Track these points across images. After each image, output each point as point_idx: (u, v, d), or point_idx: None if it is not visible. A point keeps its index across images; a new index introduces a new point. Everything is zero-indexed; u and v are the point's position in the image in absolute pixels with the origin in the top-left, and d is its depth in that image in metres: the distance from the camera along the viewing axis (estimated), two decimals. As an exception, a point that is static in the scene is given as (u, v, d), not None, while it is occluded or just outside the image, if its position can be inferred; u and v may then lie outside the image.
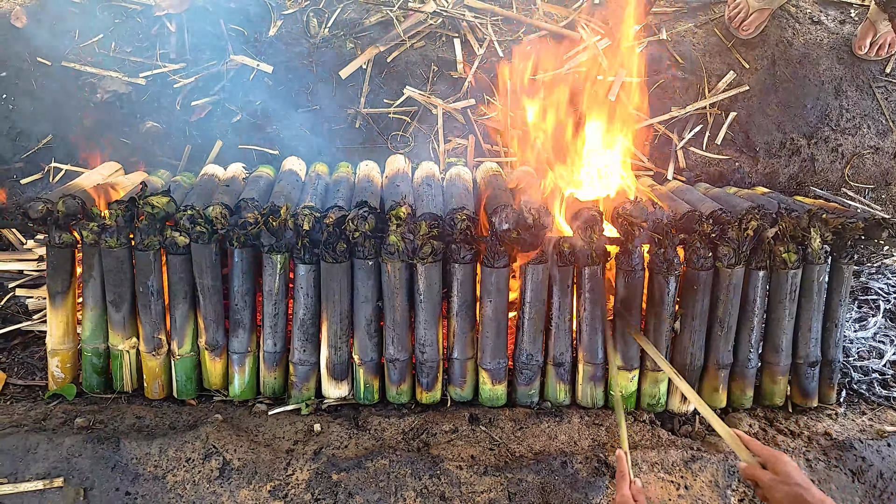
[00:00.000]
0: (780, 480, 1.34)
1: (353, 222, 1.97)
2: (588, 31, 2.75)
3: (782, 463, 1.38)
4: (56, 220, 2.04)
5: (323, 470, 1.87)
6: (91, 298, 2.09)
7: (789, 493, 1.30)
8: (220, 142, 2.63)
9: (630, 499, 1.51)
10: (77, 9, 2.70)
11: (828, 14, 2.97)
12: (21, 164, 2.60)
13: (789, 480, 1.33)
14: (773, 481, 1.35)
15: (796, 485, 1.31)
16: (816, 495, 1.29)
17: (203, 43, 2.70)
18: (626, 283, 2.05)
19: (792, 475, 1.34)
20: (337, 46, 2.70)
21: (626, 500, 1.50)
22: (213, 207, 2.03)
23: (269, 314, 2.08)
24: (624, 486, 1.54)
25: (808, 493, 1.30)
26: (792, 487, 1.30)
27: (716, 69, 2.80)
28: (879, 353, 2.46)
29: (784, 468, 1.37)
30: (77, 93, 2.61)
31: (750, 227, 2.06)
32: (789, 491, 1.30)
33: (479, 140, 2.66)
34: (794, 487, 1.30)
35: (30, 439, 1.87)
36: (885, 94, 2.85)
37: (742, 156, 2.77)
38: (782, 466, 1.37)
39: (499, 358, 2.10)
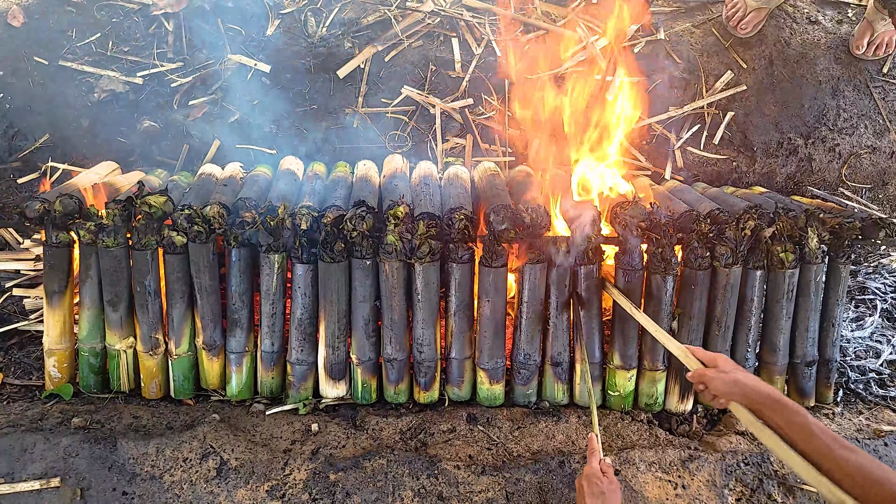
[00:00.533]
0: (720, 371, 1.50)
1: (351, 222, 1.97)
2: (586, 31, 2.75)
3: (721, 359, 1.55)
4: (53, 220, 2.04)
5: (320, 470, 1.87)
6: (88, 298, 2.08)
7: (727, 380, 1.46)
8: (217, 141, 2.63)
9: (598, 471, 1.62)
10: (74, 8, 2.69)
11: (825, 14, 2.97)
12: (18, 163, 2.60)
13: (726, 369, 1.50)
14: (714, 373, 1.51)
15: (731, 371, 1.49)
16: (749, 376, 1.47)
17: (201, 42, 2.69)
18: (624, 283, 2.06)
19: (727, 365, 1.52)
20: (335, 46, 2.70)
21: (594, 472, 1.62)
22: (210, 207, 2.03)
23: (267, 314, 2.08)
24: (594, 460, 1.67)
25: (741, 373, 1.47)
26: (728, 374, 1.48)
27: (713, 69, 2.80)
28: (876, 353, 2.47)
29: (723, 363, 1.53)
30: (74, 92, 2.61)
31: (747, 226, 2.07)
32: (726, 377, 1.47)
33: (477, 140, 2.66)
34: (730, 374, 1.47)
35: (26, 439, 1.87)
36: (883, 94, 2.85)
37: (740, 155, 2.78)
38: (721, 362, 1.54)
39: (497, 357, 2.11)
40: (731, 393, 1.45)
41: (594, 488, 1.57)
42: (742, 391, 1.43)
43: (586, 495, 1.58)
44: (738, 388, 1.44)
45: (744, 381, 1.44)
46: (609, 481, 1.60)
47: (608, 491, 1.56)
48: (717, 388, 1.48)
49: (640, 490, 1.87)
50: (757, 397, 1.40)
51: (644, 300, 2.10)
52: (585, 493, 1.58)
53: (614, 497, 1.56)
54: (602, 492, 1.56)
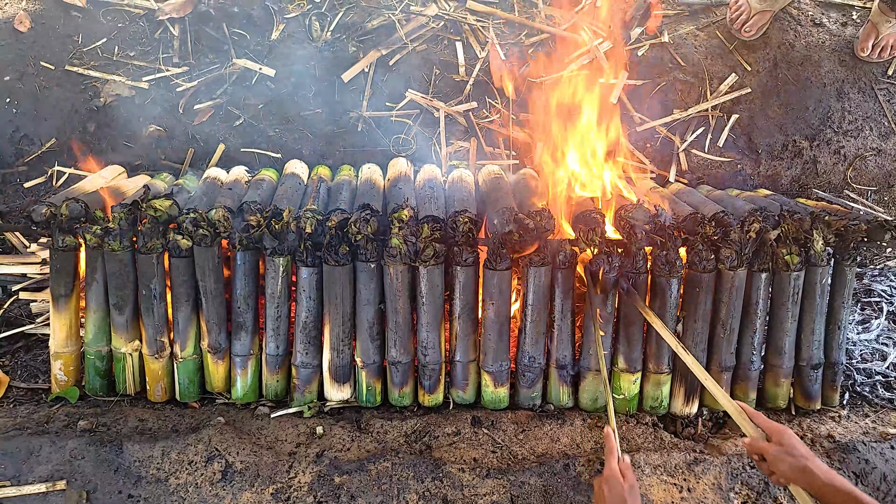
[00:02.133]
0: (786, 452, 1.36)
1: (356, 225, 1.97)
2: (590, 34, 2.75)
3: (787, 435, 1.40)
4: (59, 224, 2.05)
5: (325, 473, 1.87)
6: (94, 301, 2.09)
7: (794, 465, 1.32)
8: (222, 145, 2.64)
9: (618, 472, 1.53)
10: (80, 13, 2.71)
11: (829, 16, 2.97)
12: (24, 167, 2.61)
13: (794, 452, 1.35)
14: (779, 452, 1.36)
15: (802, 456, 1.33)
16: (821, 466, 1.32)
17: (206, 47, 2.71)
18: (629, 286, 2.06)
19: (797, 447, 1.36)
20: (339, 50, 2.71)
21: (613, 474, 1.52)
22: (215, 210, 2.04)
23: (272, 317, 2.09)
24: (612, 460, 1.57)
25: (813, 463, 1.32)
26: (797, 459, 1.33)
27: (717, 71, 2.80)
28: (882, 356, 2.46)
29: (789, 440, 1.39)
30: (80, 97, 2.62)
31: (752, 229, 2.06)
32: (794, 462, 1.32)
33: (481, 143, 2.67)
34: (800, 459, 1.32)
35: (33, 442, 1.88)
36: (888, 97, 2.84)
37: (744, 158, 2.77)
38: (787, 439, 1.39)
39: (501, 360, 2.10)
40: (798, 479, 1.33)
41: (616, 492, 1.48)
42: (811, 481, 1.31)
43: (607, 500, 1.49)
44: (806, 477, 1.32)
45: (815, 472, 1.32)
46: (630, 485, 1.51)
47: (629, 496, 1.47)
48: (781, 471, 1.37)
49: (645, 493, 1.86)
50: (829, 492, 1.28)
51: (649, 303, 2.10)
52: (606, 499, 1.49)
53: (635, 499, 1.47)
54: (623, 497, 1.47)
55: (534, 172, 2.52)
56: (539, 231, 1.98)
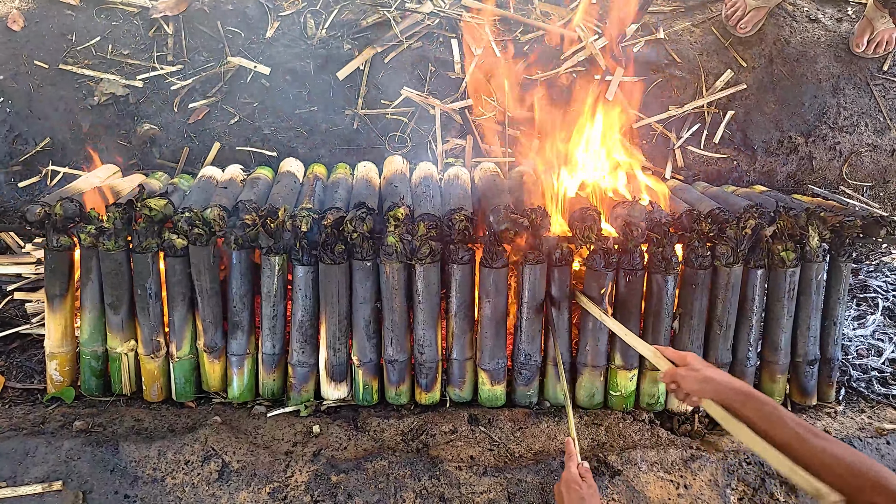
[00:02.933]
0: (690, 369, 1.51)
1: (352, 223, 1.97)
2: (585, 31, 2.75)
3: (690, 357, 1.55)
4: (54, 224, 2.04)
5: (322, 471, 1.87)
6: (89, 301, 2.09)
7: (697, 377, 1.47)
8: (217, 144, 2.63)
9: (577, 476, 1.62)
10: (74, 11, 2.70)
11: (825, 12, 2.97)
12: (19, 167, 2.60)
13: (696, 367, 1.51)
14: (685, 371, 1.52)
15: (702, 369, 1.49)
16: (719, 372, 1.49)
17: (200, 45, 2.70)
18: (626, 283, 2.06)
19: (696, 363, 1.52)
20: (334, 47, 2.70)
21: (573, 477, 1.61)
22: (211, 209, 2.03)
23: (268, 316, 2.08)
24: (571, 465, 1.66)
25: (712, 370, 1.49)
26: (699, 372, 1.48)
27: (713, 68, 2.80)
28: (878, 351, 2.46)
29: (692, 360, 1.54)
30: (74, 96, 2.61)
31: (748, 225, 2.06)
32: (696, 375, 1.48)
33: (477, 140, 2.66)
34: (701, 371, 1.48)
35: (28, 443, 1.87)
36: (883, 92, 2.85)
37: (740, 154, 2.78)
38: (690, 360, 1.54)
39: (498, 358, 2.10)
40: (703, 390, 1.46)
41: (573, 494, 1.57)
42: (713, 388, 1.44)
43: (566, 502, 1.57)
44: (709, 385, 1.45)
45: (714, 377, 1.46)
46: (588, 485, 1.59)
47: (587, 496, 1.56)
48: (688, 387, 1.49)
49: (641, 490, 1.86)
50: (728, 393, 1.41)
51: (645, 300, 2.10)
52: (565, 500, 1.58)
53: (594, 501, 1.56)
54: (582, 497, 1.55)
55: (530, 170, 2.52)
56: (535, 229, 1.98)
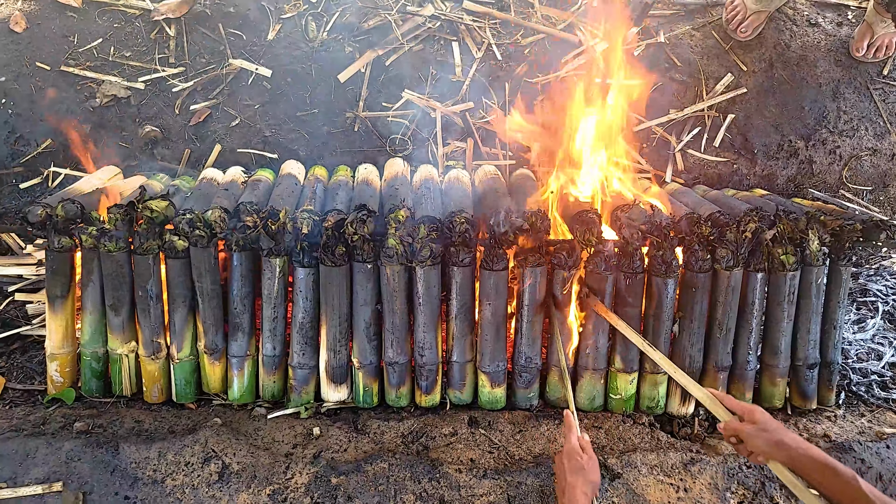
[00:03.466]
0: (760, 429, 1.42)
1: (352, 226, 1.97)
2: (586, 34, 2.75)
3: (759, 413, 1.45)
4: (55, 225, 2.04)
5: (322, 473, 1.87)
6: (90, 302, 2.09)
7: (769, 440, 1.38)
8: (219, 146, 2.63)
9: (578, 447, 1.60)
10: (76, 13, 2.70)
11: (825, 16, 2.98)
12: (20, 168, 2.60)
13: (768, 427, 1.41)
14: (753, 430, 1.42)
15: (775, 430, 1.40)
16: (795, 438, 1.38)
17: (202, 47, 2.70)
18: (626, 286, 2.06)
19: (769, 423, 1.42)
20: (336, 50, 2.70)
21: (573, 448, 1.60)
22: (211, 211, 2.03)
23: (268, 318, 2.08)
24: (572, 437, 1.63)
25: (787, 435, 1.39)
26: (771, 434, 1.39)
27: (713, 71, 2.80)
28: (878, 355, 2.47)
29: (761, 417, 1.44)
30: (76, 97, 2.62)
31: (748, 229, 2.07)
32: (769, 437, 1.38)
33: (477, 143, 2.67)
34: (774, 434, 1.39)
35: (29, 444, 1.87)
36: (883, 96, 2.85)
37: (740, 158, 2.78)
38: (759, 416, 1.45)
39: (498, 361, 2.11)
40: (774, 454, 1.38)
41: (574, 464, 1.56)
42: (787, 455, 1.36)
43: (567, 472, 1.56)
44: (782, 451, 1.37)
45: (789, 443, 1.37)
46: (588, 457, 1.59)
47: (588, 466, 1.56)
48: (758, 448, 1.41)
49: (641, 493, 1.86)
50: (806, 462, 1.33)
51: (645, 303, 2.10)
52: (566, 470, 1.57)
53: (594, 471, 1.55)
54: (582, 467, 1.55)
55: (530, 173, 2.53)
56: (534, 232, 1.98)
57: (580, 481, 1.53)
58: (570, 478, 1.54)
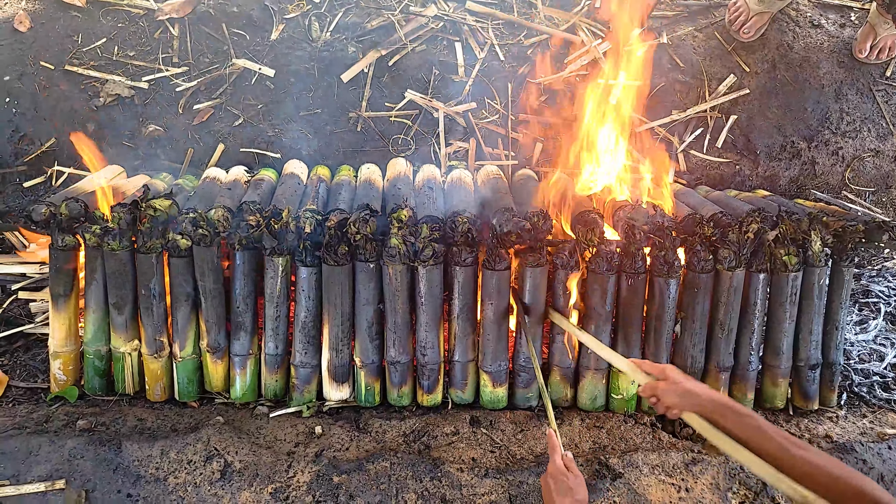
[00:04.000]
0: (670, 383, 1.52)
1: (355, 225, 1.98)
2: (589, 35, 2.76)
3: (669, 370, 1.55)
4: (59, 224, 2.05)
5: (324, 472, 1.87)
6: (93, 301, 2.09)
7: (678, 391, 1.48)
8: (222, 145, 2.64)
9: (562, 467, 1.61)
10: (80, 13, 2.71)
11: (828, 17, 2.97)
12: (24, 167, 2.61)
13: (676, 381, 1.51)
14: (666, 386, 1.52)
15: (683, 382, 1.50)
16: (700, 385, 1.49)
17: (205, 47, 2.71)
18: (628, 286, 2.06)
19: (678, 377, 1.52)
20: (339, 50, 2.71)
21: (558, 469, 1.60)
22: (215, 210, 2.04)
23: (271, 317, 2.09)
24: (556, 457, 1.64)
25: (695, 385, 1.48)
26: (679, 385, 1.49)
27: (716, 72, 2.80)
28: (880, 356, 2.46)
29: (672, 374, 1.54)
30: (80, 96, 2.62)
31: (750, 229, 2.07)
32: (677, 389, 1.49)
33: (480, 143, 2.67)
34: (681, 385, 1.49)
35: (32, 441, 1.88)
36: (886, 98, 2.85)
37: (743, 159, 2.78)
38: (670, 373, 1.54)
39: (500, 360, 2.11)
40: (684, 403, 1.47)
41: (561, 485, 1.57)
42: (695, 401, 1.45)
43: (554, 493, 1.57)
44: (690, 399, 1.46)
45: (695, 390, 1.47)
46: (574, 476, 1.59)
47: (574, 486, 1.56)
48: (669, 400, 1.50)
49: (643, 493, 1.87)
50: (709, 405, 1.42)
51: (647, 303, 2.10)
52: (553, 491, 1.57)
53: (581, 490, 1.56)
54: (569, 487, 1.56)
55: (532, 173, 2.53)
56: (536, 232, 1.99)
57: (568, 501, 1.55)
58: (558, 499, 1.55)
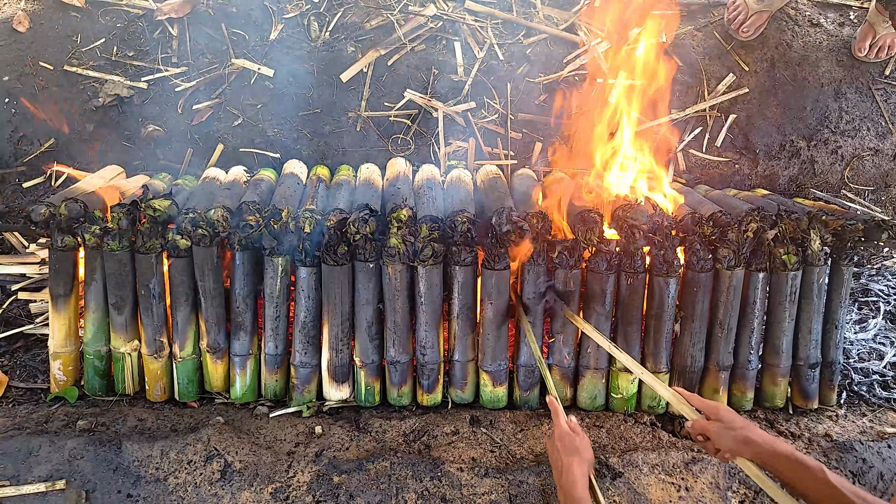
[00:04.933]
0: (726, 427, 1.41)
1: (354, 225, 1.98)
2: (588, 34, 2.76)
3: (724, 410, 1.45)
4: (59, 224, 2.05)
5: (324, 472, 1.87)
6: (93, 301, 2.10)
7: (737, 437, 1.37)
8: (221, 145, 2.64)
9: (568, 430, 1.59)
10: (79, 13, 2.71)
11: (827, 16, 2.97)
12: (23, 167, 2.61)
13: (734, 425, 1.40)
14: (720, 429, 1.41)
15: (741, 428, 1.39)
16: (761, 434, 1.38)
17: (204, 47, 2.71)
18: (627, 285, 2.06)
19: (735, 420, 1.42)
20: (338, 50, 2.71)
21: (564, 432, 1.58)
22: (214, 210, 2.04)
23: (271, 317, 2.09)
24: (560, 420, 1.62)
25: (753, 432, 1.38)
26: (738, 431, 1.38)
27: (715, 71, 2.80)
28: (880, 355, 2.47)
29: (727, 415, 1.43)
30: (79, 97, 2.62)
31: (750, 228, 2.07)
32: (736, 435, 1.38)
33: (479, 143, 2.67)
34: (740, 431, 1.38)
35: (32, 442, 1.88)
36: (885, 96, 2.85)
37: (742, 158, 2.78)
38: (725, 414, 1.44)
39: (499, 360, 2.11)
40: (741, 451, 1.37)
41: (567, 444, 1.54)
42: (754, 451, 1.36)
43: (561, 453, 1.54)
44: (749, 448, 1.36)
45: (756, 440, 1.36)
46: (581, 437, 1.57)
47: (581, 446, 1.54)
48: (724, 446, 1.41)
49: (643, 492, 1.87)
50: (773, 458, 1.33)
51: (646, 303, 2.10)
52: (560, 451, 1.54)
53: (587, 449, 1.53)
54: (576, 447, 1.53)
55: (532, 173, 2.53)
56: (535, 232, 1.99)
57: (576, 460, 1.51)
58: (566, 458, 1.52)
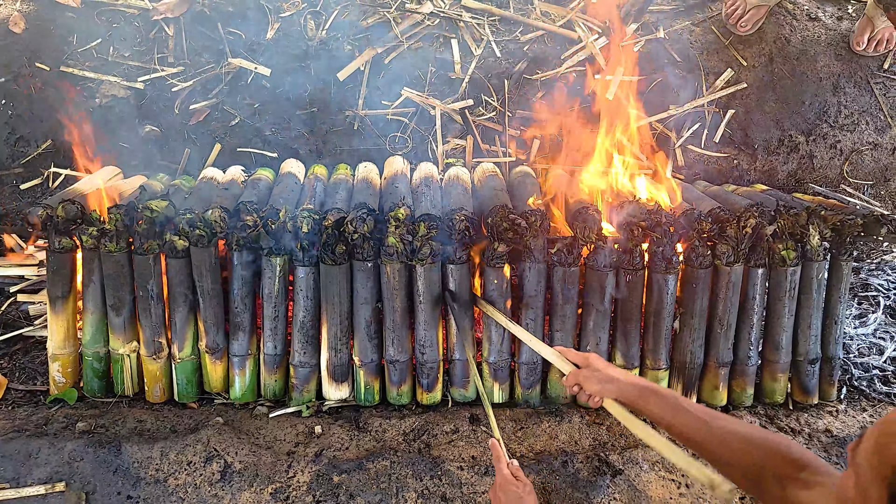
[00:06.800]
0: (591, 371, 1.53)
1: (352, 224, 1.97)
2: (585, 30, 2.75)
3: (593, 358, 1.56)
4: (56, 226, 2.05)
5: (324, 472, 1.87)
6: (91, 303, 2.09)
7: (601, 377, 1.49)
8: (218, 145, 2.63)
9: (510, 477, 1.59)
10: (74, 14, 2.70)
11: (825, 10, 2.97)
12: (21, 169, 2.61)
13: (597, 368, 1.52)
14: (588, 373, 1.53)
15: (604, 368, 1.52)
16: (620, 371, 1.51)
17: (201, 46, 2.70)
18: (626, 282, 2.06)
19: (598, 364, 1.54)
20: (334, 48, 2.70)
21: (506, 479, 1.58)
22: (212, 211, 2.03)
23: (269, 317, 2.09)
24: (502, 466, 1.62)
25: (614, 371, 1.51)
26: (601, 372, 1.50)
27: (713, 67, 2.80)
28: (880, 350, 2.46)
29: (594, 362, 1.55)
30: (76, 97, 2.62)
31: (749, 224, 2.07)
32: (600, 376, 1.50)
33: (477, 140, 2.67)
34: (603, 371, 1.50)
35: (31, 444, 1.88)
36: (884, 90, 2.84)
37: (740, 153, 2.77)
38: (592, 361, 1.56)
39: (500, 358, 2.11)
40: (605, 390, 1.48)
41: (511, 495, 1.54)
42: (616, 387, 1.46)
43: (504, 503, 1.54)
44: (611, 385, 1.47)
45: (616, 376, 1.48)
46: (523, 484, 1.57)
47: (524, 493, 1.54)
48: (591, 388, 1.51)
49: (643, 489, 1.87)
50: (630, 390, 1.43)
51: (646, 299, 2.10)
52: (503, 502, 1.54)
53: (530, 499, 1.54)
54: (520, 497, 1.53)
55: (530, 170, 2.52)
56: (532, 229, 1.98)
57: None
58: None
